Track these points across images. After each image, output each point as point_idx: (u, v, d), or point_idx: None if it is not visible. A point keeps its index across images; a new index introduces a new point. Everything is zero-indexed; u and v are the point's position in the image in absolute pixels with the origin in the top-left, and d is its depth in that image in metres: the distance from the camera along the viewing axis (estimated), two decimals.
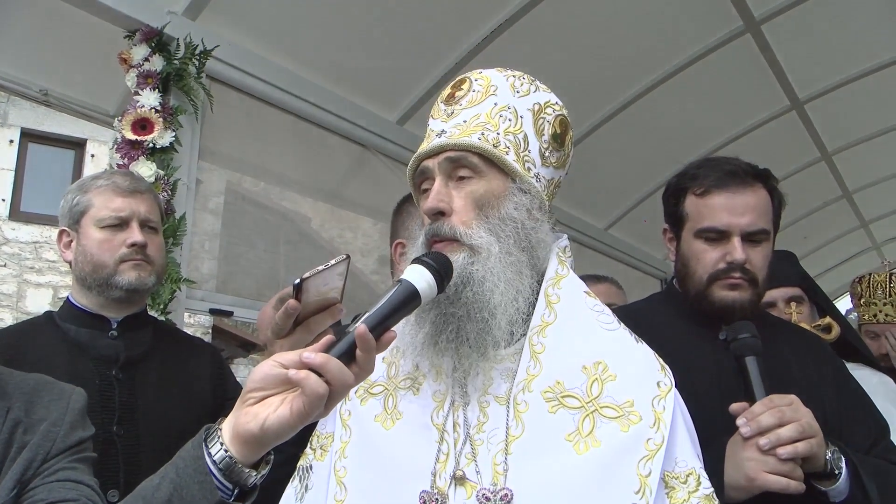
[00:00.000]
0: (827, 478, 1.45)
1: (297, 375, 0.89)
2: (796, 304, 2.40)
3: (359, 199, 4.38)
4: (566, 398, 1.16)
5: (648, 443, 1.12)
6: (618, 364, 1.19)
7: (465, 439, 1.17)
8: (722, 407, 1.48)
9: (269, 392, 0.93)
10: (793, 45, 4.20)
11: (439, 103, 1.33)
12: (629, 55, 4.03)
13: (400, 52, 3.50)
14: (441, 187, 1.24)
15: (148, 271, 1.90)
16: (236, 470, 0.93)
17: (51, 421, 1.23)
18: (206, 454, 0.93)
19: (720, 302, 1.63)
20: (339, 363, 0.91)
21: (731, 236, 1.61)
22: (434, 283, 1.05)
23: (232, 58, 3.04)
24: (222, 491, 0.93)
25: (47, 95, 3.11)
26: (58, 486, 1.16)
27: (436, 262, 1.06)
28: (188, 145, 2.84)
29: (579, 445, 1.11)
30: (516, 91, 1.30)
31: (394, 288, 1.03)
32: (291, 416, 0.90)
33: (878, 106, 5.01)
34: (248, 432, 0.91)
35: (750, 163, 1.69)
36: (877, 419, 1.66)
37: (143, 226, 1.91)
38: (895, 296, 3.01)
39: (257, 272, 3.82)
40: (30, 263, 9.61)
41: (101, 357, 1.83)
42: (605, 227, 5.55)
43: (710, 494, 1.15)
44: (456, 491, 1.13)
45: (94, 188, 1.91)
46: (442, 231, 1.21)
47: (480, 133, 1.24)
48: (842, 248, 7.49)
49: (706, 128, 4.82)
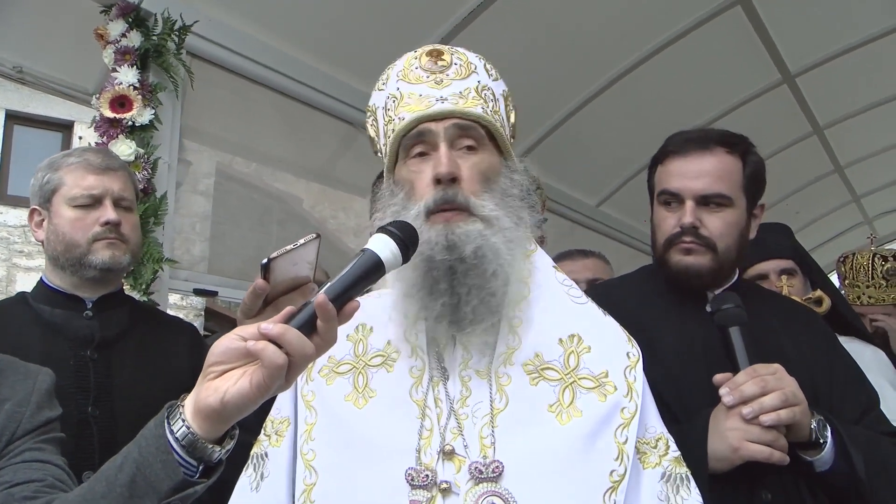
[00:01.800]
0: (812, 447, 1.44)
1: (256, 346, 0.87)
2: (788, 276, 2.40)
3: (348, 178, 4.35)
4: (546, 370, 1.19)
5: (623, 412, 1.17)
6: (591, 336, 1.23)
7: (449, 414, 1.16)
8: (708, 380, 1.47)
9: (231, 365, 0.91)
10: (784, 17, 4.16)
11: (413, 69, 1.27)
12: (619, 30, 3.97)
13: (385, 27, 3.44)
14: (450, 153, 1.19)
15: (122, 250, 1.85)
16: (199, 446, 0.91)
17: (16, 401, 1.20)
18: (167, 431, 0.91)
19: (675, 266, 1.63)
20: (297, 333, 0.89)
21: (684, 200, 1.60)
22: (399, 253, 1.02)
23: (213, 34, 2.98)
24: (185, 468, 0.91)
25: (22, 73, 3.04)
26: (23, 466, 1.14)
27: (400, 232, 1.03)
28: (169, 123, 2.79)
29: (562, 416, 1.14)
30: (489, 74, 1.30)
31: (357, 257, 1.00)
32: (251, 388, 0.88)
33: (870, 79, 4.99)
34: (208, 406, 0.89)
35: (727, 131, 1.67)
36: (867, 390, 1.66)
37: (116, 204, 1.86)
38: (878, 278, 2.98)
39: (247, 253, 3.79)
40: (18, 247, 9.55)
41: (75, 338, 1.79)
42: (596, 204, 5.53)
43: (678, 457, 1.20)
44: (444, 466, 1.12)
45: (65, 166, 1.86)
46: (457, 199, 1.17)
47: (481, 107, 1.23)
48: (834, 223, 7.51)
49: (697, 102, 4.78)
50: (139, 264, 2.45)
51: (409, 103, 1.24)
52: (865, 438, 1.47)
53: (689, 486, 1.19)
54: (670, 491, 1.16)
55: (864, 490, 1.41)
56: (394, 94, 1.27)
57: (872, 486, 1.41)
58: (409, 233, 1.05)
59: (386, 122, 1.28)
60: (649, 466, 1.17)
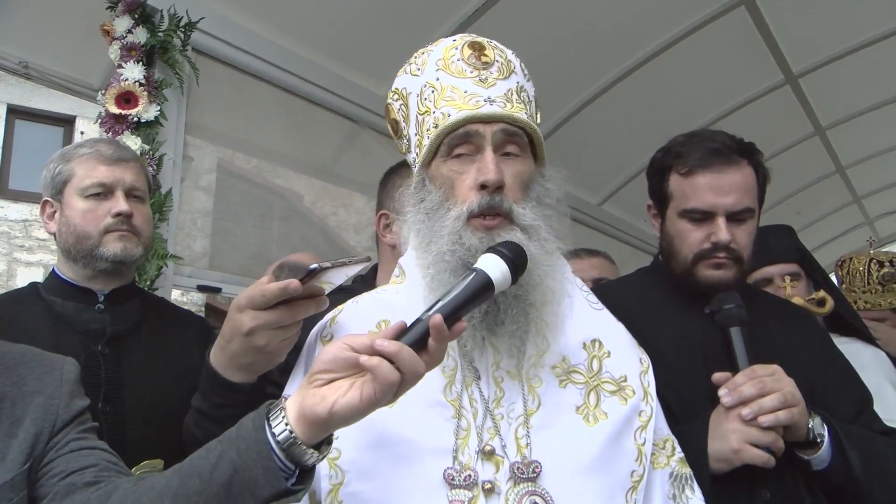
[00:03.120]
0: (809, 446, 1.46)
1: (370, 362, 0.88)
2: (792, 279, 2.41)
3: (350, 175, 4.34)
4: (572, 374, 1.22)
5: (641, 415, 1.22)
6: (609, 341, 1.27)
7: (485, 414, 1.17)
8: (708, 380, 1.48)
9: (337, 375, 0.92)
10: (787, 18, 4.16)
11: (455, 61, 1.24)
12: (622, 29, 3.97)
13: (389, 25, 3.44)
14: (496, 159, 1.18)
15: (135, 242, 1.83)
16: (299, 450, 0.91)
17: (47, 394, 1.19)
18: (268, 435, 0.90)
19: (706, 281, 1.63)
20: (411, 352, 0.90)
21: (715, 216, 1.60)
22: (509, 274, 1.03)
23: (218, 30, 2.98)
24: (283, 472, 0.90)
25: (27, 68, 3.04)
26: (73, 456, 1.13)
27: (511, 253, 1.04)
28: (174, 119, 2.79)
29: (589, 418, 1.18)
30: (525, 74, 1.29)
31: (469, 277, 1.01)
32: (361, 402, 0.89)
33: (873, 80, 4.98)
34: (315, 414, 0.89)
35: (734, 136, 1.67)
36: (861, 390, 1.68)
37: (128, 195, 1.83)
38: (874, 283, 2.98)
39: (248, 249, 3.80)
40: (19, 242, 9.54)
41: (86, 331, 1.77)
42: (598, 203, 5.53)
43: (683, 458, 1.25)
44: (483, 466, 1.12)
45: (76, 157, 1.84)
46: (502, 205, 1.17)
47: (525, 111, 1.22)
48: (835, 224, 7.50)
49: (699, 102, 4.78)
50: (144, 260, 2.45)
51: (452, 98, 1.21)
52: (861, 437, 1.49)
53: (692, 486, 1.24)
54: (677, 490, 1.21)
55: (860, 488, 1.44)
56: (432, 83, 1.24)
57: (868, 484, 1.44)
58: (519, 254, 1.06)
59: (422, 112, 1.25)
60: (659, 467, 1.22)
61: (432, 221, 1.21)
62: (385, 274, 1.89)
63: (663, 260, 1.76)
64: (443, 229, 1.18)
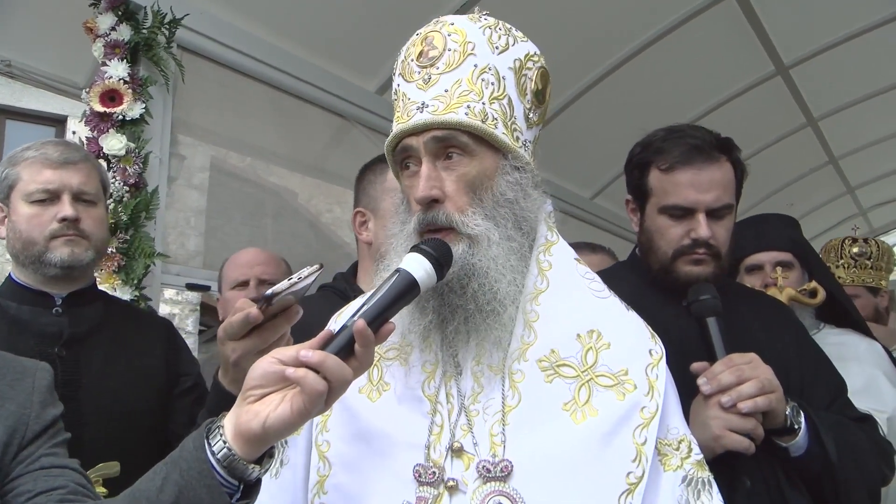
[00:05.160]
0: (787, 433, 1.48)
1: (296, 374, 0.89)
2: (783, 268, 2.36)
3: (341, 172, 4.32)
4: (561, 367, 1.14)
5: (643, 411, 1.12)
6: (611, 332, 1.18)
7: (460, 410, 1.14)
8: (686, 373, 1.48)
9: (269, 389, 0.92)
10: (777, 8, 4.15)
11: (409, 62, 1.21)
12: (612, 21, 3.97)
13: (377, 19, 3.42)
14: (430, 171, 1.14)
15: (83, 246, 1.80)
16: (240, 466, 0.93)
17: (18, 402, 1.17)
18: (209, 454, 0.92)
19: (685, 277, 1.64)
20: (336, 360, 0.91)
21: (695, 213, 1.61)
22: (433, 272, 1.02)
23: (203, 27, 2.97)
24: (227, 488, 0.92)
25: (11, 66, 3.02)
26: (42, 474, 1.12)
27: (434, 251, 1.03)
28: (160, 117, 2.78)
29: (577, 415, 1.10)
30: (495, 47, 1.19)
31: (392, 278, 1.00)
32: (292, 414, 0.90)
33: (864, 70, 4.98)
34: (249, 431, 0.91)
35: (713, 132, 1.68)
36: (835, 378, 1.70)
37: (76, 199, 1.80)
38: (846, 258, 3.08)
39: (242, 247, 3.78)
40: None
41: (42, 334, 1.75)
42: (590, 197, 5.53)
43: (701, 461, 1.16)
44: (453, 463, 1.10)
45: (23, 161, 1.81)
46: (438, 220, 1.13)
47: (466, 106, 1.14)
48: (828, 215, 7.51)
49: (690, 94, 4.78)
50: (131, 259, 2.44)
51: (399, 108, 1.21)
52: (835, 424, 1.52)
53: (710, 490, 1.14)
54: (691, 495, 1.12)
55: (835, 473, 1.46)
56: (396, 90, 1.24)
57: (843, 468, 1.46)
58: (443, 251, 1.05)
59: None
60: (670, 469, 1.13)
61: (402, 233, 1.21)
62: (364, 271, 1.88)
63: (641, 254, 1.77)
64: (405, 241, 1.19)
